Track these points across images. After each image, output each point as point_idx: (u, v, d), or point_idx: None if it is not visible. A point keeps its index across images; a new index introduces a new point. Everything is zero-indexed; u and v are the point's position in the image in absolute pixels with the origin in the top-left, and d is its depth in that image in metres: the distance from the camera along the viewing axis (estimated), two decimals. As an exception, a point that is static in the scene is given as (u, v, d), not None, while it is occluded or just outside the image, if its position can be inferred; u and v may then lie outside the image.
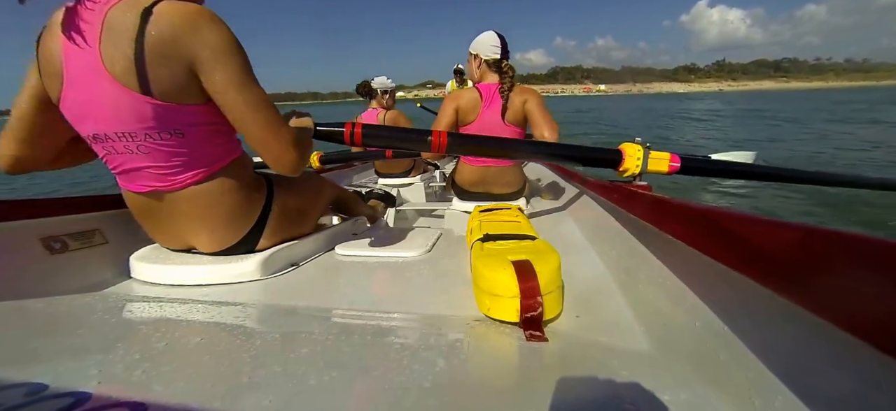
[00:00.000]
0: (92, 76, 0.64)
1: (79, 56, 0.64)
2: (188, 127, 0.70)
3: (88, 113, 0.68)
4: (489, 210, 1.10)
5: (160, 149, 0.70)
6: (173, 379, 0.40)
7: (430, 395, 0.37)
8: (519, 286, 0.55)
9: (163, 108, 0.66)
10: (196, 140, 0.72)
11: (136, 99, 0.64)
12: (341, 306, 0.70)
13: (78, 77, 0.65)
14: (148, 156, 0.70)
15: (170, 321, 0.59)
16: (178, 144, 0.71)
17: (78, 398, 0.35)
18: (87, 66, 0.64)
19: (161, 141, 0.69)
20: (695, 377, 0.42)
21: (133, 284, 0.82)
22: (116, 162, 0.72)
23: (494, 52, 1.42)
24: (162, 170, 0.72)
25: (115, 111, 0.65)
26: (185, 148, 0.72)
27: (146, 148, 0.69)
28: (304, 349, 0.46)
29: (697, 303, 0.49)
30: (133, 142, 0.69)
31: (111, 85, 0.64)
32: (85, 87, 0.66)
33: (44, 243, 0.77)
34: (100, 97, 0.65)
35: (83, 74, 0.65)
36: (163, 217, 0.80)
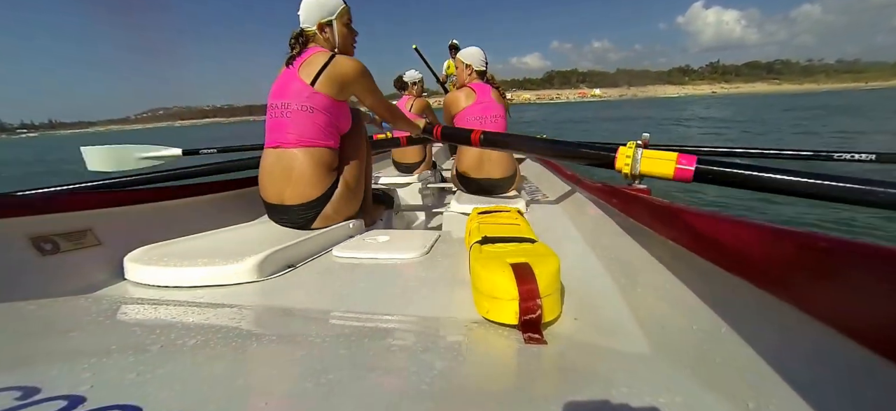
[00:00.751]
0: (292, 76, 1.18)
1: (290, 75, 1.19)
2: (319, 111, 1.15)
3: (284, 91, 1.18)
4: (488, 212, 1.10)
5: (298, 119, 1.15)
6: (168, 382, 0.39)
7: (428, 398, 0.37)
8: (518, 288, 0.55)
9: (314, 93, 1.15)
10: (320, 119, 1.16)
11: (307, 87, 1.14)
12: (338, 308, 0.69)
13: (285, 78, 1.20)
14: (291, 122, 1.15)
15: (165, 323, 0.58)
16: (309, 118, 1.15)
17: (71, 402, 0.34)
18: (291, 73, 1.19)
19: (302, 111, 1.15)
20: (692, 380, 0.42)
21: (127, 286, 0.81)
22: (274, 122, 1.18)
23: (482, 65, 1.89)
24: (292, 134, 1.15)
25: (294, 91, 1.16)
26: (312, 122, 1.15)
27: (294, 116, 1.15)
28: (300, 351, 0.45)
29: (695, 307, 0.49)
30: (289, 109, 1.16)
31: (298, 80, 1.16)
32: (286, 81, 1.19)
33: (34, 243, 0.76)
34: (292, 84, 1.17)
35: (288, 78, 1.19)
36: (276, 171, 1.16)
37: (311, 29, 1.22)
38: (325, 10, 1.21)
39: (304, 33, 1.22)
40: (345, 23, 1.25)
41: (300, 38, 1.21)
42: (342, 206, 1.22)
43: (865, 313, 0.26)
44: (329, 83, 1.14)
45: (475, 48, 1.89)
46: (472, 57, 1.87)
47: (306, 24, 1.22)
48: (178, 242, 0.98)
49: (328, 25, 1.22)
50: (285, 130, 1.14)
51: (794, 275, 0.32)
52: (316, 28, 1.21)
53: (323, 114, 1.14)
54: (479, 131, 1.48)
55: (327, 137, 1.17)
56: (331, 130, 1.18)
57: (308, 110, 1.13)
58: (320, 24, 1.21)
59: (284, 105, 1.14)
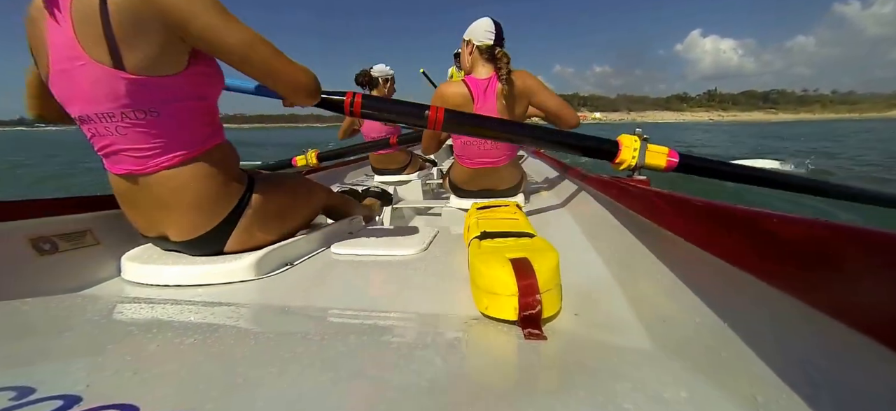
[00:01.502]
0: (71, 55, 0.64)
1: (58, 35, 0.65)
2: (163, 104, 0.70)
3: (72, 94, 0.69)
4: (487, 207, 1.10)
5: (137, 131, 0.70)
6: (165, 380, 0.39)
7: (427, 395, 0.36)
8: (517, 284, 0.54)
9: (136, 83, 0.66)
10: (172, 121, 0.72)
11: (110, 75, 0.65)
12: (337, 306, 0.69)
13: (60, 60, 0.66)
14: (126, 138, 0.71)
15: (162, 322, 0.58)
16: (153, 124, 0.70)
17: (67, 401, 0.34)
18: (65, 46, 0.64)
19: (137, 121, 0.69)
20: (695, 374, 0.41)
21: (124, 285, 0.81)
22: (101, 143, 0.73)
23: (488, 38, 1.32)
24: (139, 153, 0.72)
25: (93, 90, 0.66)
26: (160, 129, 0.71)
27: (124, 129, 0.70)
28: (298, 349, 0.45)
29: (697, 300, 0.49)
30: (112, 124, 0.69)
31: (87, 63, 0.64)
32: (66, 69, 0.66)
33: (33, 244, 0.76)
34: (79, 77, 0.66)
35: (64, 54, 0.65)
36: (140, 201, 0.79)
37: None
38: None
39: None
40: None
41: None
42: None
43: (871, 303, 0.26)
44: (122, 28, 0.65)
45: (482, 19, 1.38)
46: (473, 31, 1.36)
47: None
48: None
49: None
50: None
51: (797, 266, 0.32)
52: None
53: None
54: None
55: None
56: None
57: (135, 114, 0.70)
58: None
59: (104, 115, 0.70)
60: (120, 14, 0.62)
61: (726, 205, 0.45)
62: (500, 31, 1.35)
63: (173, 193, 0.76)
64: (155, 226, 0.82)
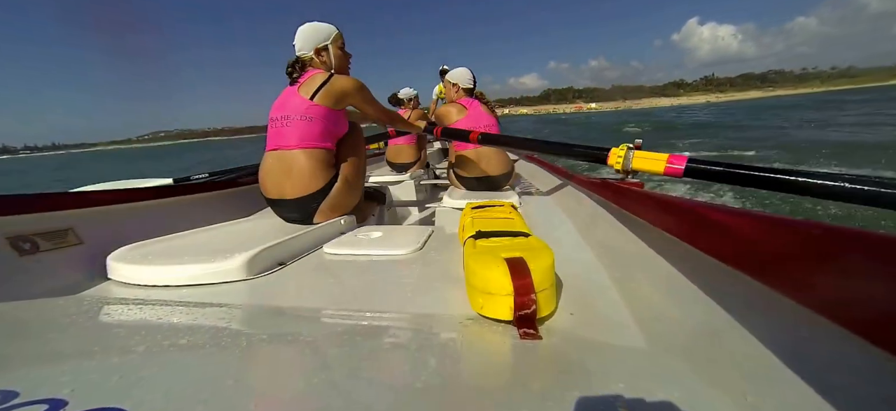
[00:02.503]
0: (293, 95, 1.25)
1: (291, 93, 1.27)
2: (317, 120, 1.23)
3: (285, 105, 1.26)
4: (481, 207, 1.10)
5: (299, 127, 1.22)
6: (154, 383, 0.38)
7: (422, 396, 0.36)
8: (512, 283, 0.54)
9: (313, 106, 1.22)
10: (317, 127, 1.23)
11: (306, 102, 1.22)
12: (330, 306, 0.68)
13: (287, 95, 1.28)
14: (293, 130, 1.22)
15: (150, 323, 0.56)
16: (306, 127, 1.23)
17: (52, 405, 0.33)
18: (293, 93, 1.26)
19: (302, 122, 1.22)
20: (689, 373, 0.42)
21: (111, 286, 0.79)
22: (275, 131, 1.26)
23: (469, 83, 2.00)
24: (294, 138, 1.22)
25: (295, 107, 1.23)
26: (310, 129, 1.22)
27: (294, 125, 1.22)
28: (291, 350, 0.44)
29: (691, 299, 0.49)
30: (291, 120, 1.23)
31: (299, 97, 1.24)
32: (287, 99, 1.27)
33: (12, 243, 0.73)
34: (292, 101, 1.25)
35: (290, 96, 1.27)
36: (276, 169, 1.23)
37: (308, 54, 1.30)
38: (320, 36, 1.31)
39: (300, 59, 1.31)
40: (339, 46, 1.35)
41: (298, 64, 1.30)
42: (340, 201, 1.28)
43: (863, 303, 0.26)
44: (327, 96, 1.23)
45: (462, 69, 2.03)
46: (458, 77, 2.00)
47: (302, 51, 1.30)
48: (164, 240, 0.96)
49: (324, 50, 1.31)
50: (286, 135, 1.22)
51: (791, 266, 0.32)
52: (313, 53, 1.30)
53: (321, 121, 1.23)
54: (478, 132, 1.63)
55: (325, 140, 1.25)
56: (328, 134, 1.26)
57: (307, 119, 1.21)
58: (317, 49, 1.30)
59: (285, 117, 1.23)
60: (325, 93, 1.23)
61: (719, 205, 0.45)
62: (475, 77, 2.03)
63: (295, 166, 1.21)
64: (278, 187, 1.24)
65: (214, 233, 1.05)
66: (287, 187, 1.21)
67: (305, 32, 1.30)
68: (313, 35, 1.30)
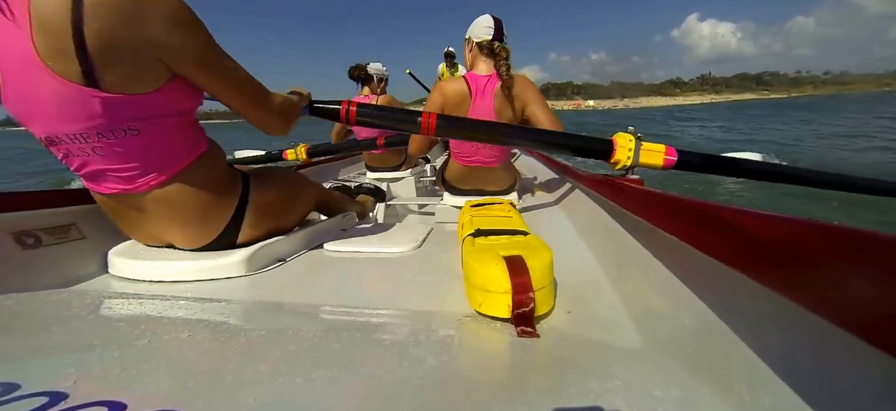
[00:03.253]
0: (28, 70, 0.57)
1: (9, 47, 0.56)
2: (142, 121, 0.65)
3: (33, 112, 0.62)
4: (480, 205, 1.10)
5: (117, 151, 0.65)
6: (154, 377, 0.38)
7: (420, 393, 0.36)
8: (511, 281, 0.54)
9: (112, 102, 0.60)
10: (154, 137, 0.67)
11: (81, 92, 0.58)
12: (329, 303, 0.69)
13: (13, 72, 0.58)
14: (106, 159, 0.66)
15: (150, 318, 0.57)
16: (133, 144, 0.66)
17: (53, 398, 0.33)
18: (20, 59, 0.57)
19: (116, 140, 0.64)
20: (686, 373, 0.42)
21: (112, 280, 0.79)
22: (76, 164, 0.68)
23: (487, 33, 1.33)
24: (124, 173, 0.69)
25: (61, 109, 0.60)
26: (143, 148, 0.67)
27: (102, 149, 0.65)
28: (290, 346, 0.45)
29: (689, 299, 0.49)
30: (87, 145, 0.64)
31: (52, 79, 0.57)
32: (23, 84, 0.59)
33: (15, 237, 0.74)
34: (41, 94, 0.58)
35: (19, 69, 0.58)
36: (135, 217, 0.78)
37: None
38: None
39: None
40: None
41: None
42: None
43: (861, 303, 0.26)
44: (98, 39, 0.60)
45: (482, 16, 1.39)
46: (473, 28, 1.38)
47: None
48: None
49: None
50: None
51: (790, 266, 0.32)
52: None
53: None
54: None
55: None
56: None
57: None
58: None
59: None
60: (99, 33, 0.56)
61: (718, 204, 0.46)
62: (499, 26, 1.35)
63: (171, 209, 0.75)
64: (157, 238, 0.82)
65: None
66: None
67: None
68: None
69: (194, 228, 0.79)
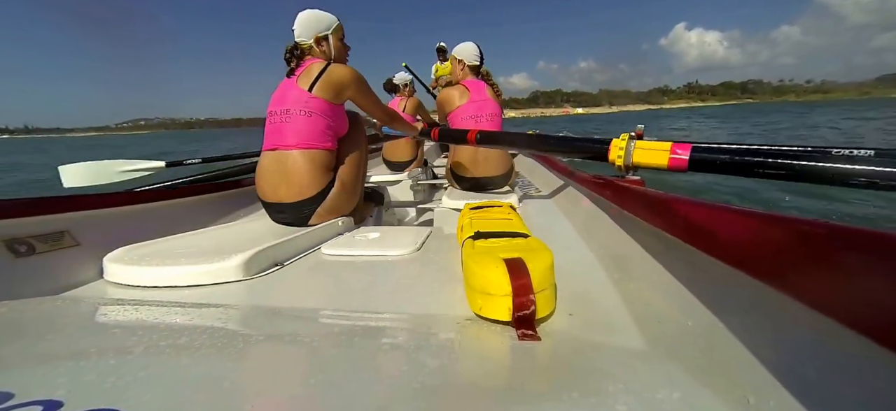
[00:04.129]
0: (290, 90, 1.24)
1: (288, 88, 1.25)
2: (320, 114, 1.21)
3: (285, 100, 1.25)
4: (480, 207, 1.10)
5: (301, 122, 1.21)
6: (150, 384, 0.38)
7: (420, 397, 0.36)
8: (511, 284, 0.54)
9: (315, 99, 1.21)
10: (321, 124, 1.22)
11: (307, 95, 1.21)
12: (328, 307, 0.68)
13: (284, 90, 1.26)
14: (294, 127, 1.21)
15: (146, 324, 0.56)
16: (309, 123, 1.21)
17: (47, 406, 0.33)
18: (292, 88, 1.24)
19: (302, 116, 1.21)
20: (689, 375, 0.42)
21: (107, 287, 0.79)
22: (274, 125, 1.24)
23: (476, 59, 1.84)
24: (290, 139, 1.21)
25: (292, 100, 1.22)
26: (313, 125, 1.21)
27: (295, 119, 1.21)
28: (288, 351, 0.44)
29: (691, 300, 0.49)
30: (288, 115, 1.22)
31: (297, 89, 1.22)
32: (284, 94, 1.25)
33: (8, 246, 0.73)
34: (289, 95, 1.24)
35: (289, 93, 1.24)
36: (273, 170, 1.21)
37: (307, 43, 1.28)
38: (322, 25, 1.28)
39: (299, 47, 1.28)
40: (339, 37, 1.33)
41: (296, 51, 1.27)
42: (338, 205, 1.26)
43: (864, 301, 0.26)
44: (326, 88, 1.20)
45: (468, 43, 1.85)
46: (463, 52, 1.83)
47: (302, 39, 1.28)
48: (161, 242, 0.95)
49: (324, 39, 1.29)
50: (284, 134, 1.20)
51: (792, 265, 0.32)
52: (312, 42, 1.28)
53: (321, 117, 1.20)
54: (476, 131, 1.53)
55: (325, 140, 1.22)
56: (328, 133, 1.23)
57: (306, 114, 1.19)
58: (317, 37, 1.28)
59: (284, 111, 1.20)
60: (322, 85, 1.21)
61: (719, 204, 0.45)
62: (482, 54, 1.87)
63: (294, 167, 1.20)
64: (276, 192, 1.22)
65: (211, 234, 1.05)
66: (283, 190, 1.19)
67: (306, 19, 1.27)
68: (314, 23, 1.27)
69: (297, 187, 1.19)
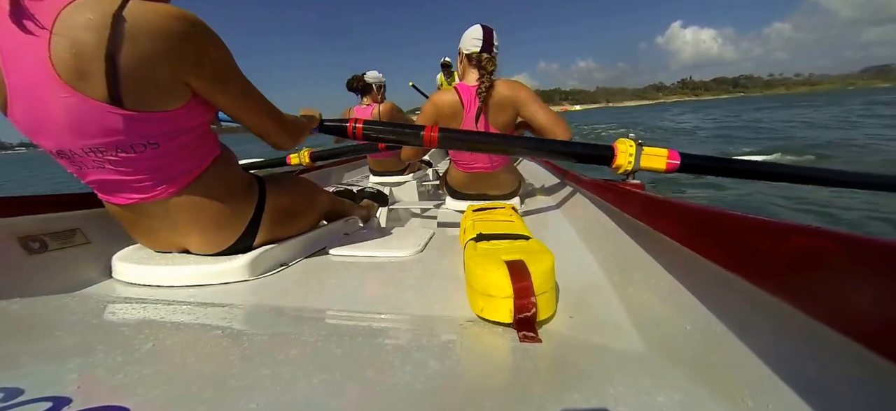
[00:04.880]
0: (42, 86, 0.57)
1: (22, 64, 0.56)
2: (162, 136, 0.65)
3: (46, 127, 0.61)
4: (483, 209, 1.10)
5: (133, 162, 0.65)
6: (157, 382, 0.38)
7: (421, 397, 0.36)
8: (512, 286, 0.54)
9: (134, 119, 0.61)
10: (172, 148, 0.68)
11: (104, 110, 0.58)
12: (332, 307, 0.69)
13: (24, 87, 0.58)
14: (121, 170, 0.66)
15: (154, 323, 0.57)
16: (152, 156, 0.66)
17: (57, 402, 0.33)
18: (34, 76, 0.56)
19: (134, 153, 0.64)
20: (688, 378, 0.42)
21: (116, 285, 0.80)
22: (90, 177, 0.68)
23: (475, 46, 1.34)
24: (140, 183, 0.69)
25: (79, 125, 0.59)
26: (160, 159, 0.67)
27: (118, 161, 0.64)
28: (293, 351, 0.45)
29: (691, 304, 0.49)
30: (102, 157, 0.63)
31: (71, 96, 0.57)
32: (35, 100, 0.58)
33: (21, 242, 0.75)
34: (54, 110, 0.58)
35: (30, 85, 0.57)
36: (150, 225, 0.78)
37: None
38: None
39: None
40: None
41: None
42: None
43: (863, 309, 0.26)
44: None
45: (472, 27, 1.39)
46: (463, 40, 1.39)
47: None
48: None
49: None
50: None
51: (791, 271, 0.32)
52: None
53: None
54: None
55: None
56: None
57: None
58: None
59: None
60: (133, 59, 0.57)
61: (721, 209, 0.46)
62: (489, 36, 1.35)
63: (188, 215, 0.75)
64: (172, 244, 0.82)
65: None
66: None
67: None
68: None
69: (212, 234, 0.79)
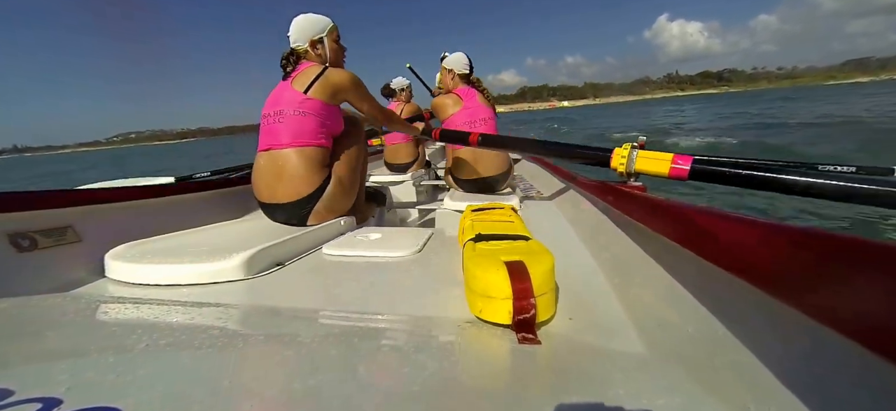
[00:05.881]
0: (284, 92, 1.22)
1: (283, 90, 1.24)
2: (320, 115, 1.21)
3: (279, 102, 1.23)
4: (482, 209, 1.10)
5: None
6: (150, 383, 0.38)
7: (419, 400, 0.36)
8: (512, 287, 0.54)
9: (314, 104, 1.20)
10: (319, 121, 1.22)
11: (303, 97, 1.19)
12: (328, 307, 0.68)
13: (279, 93, 1.25)
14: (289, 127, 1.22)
15: (147, 322, 0.56)
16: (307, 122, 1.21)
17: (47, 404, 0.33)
18: (288, 90, 1.22)
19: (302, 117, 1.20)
20: (689, 381, 0.41)
21: (108, 284, 0.79)
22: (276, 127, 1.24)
23: (465, 69, 1.93)
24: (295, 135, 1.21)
25: (289, 103, 1.19)
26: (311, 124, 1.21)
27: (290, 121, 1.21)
28: (288, 351, 0.44)
29: (692, 306, 0.49)
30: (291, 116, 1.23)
31: (293, 92, 1.21)
32: (279, 97, 1.23)
33: (11, 240, 0.73)
34: (284, 96, 1.21)
35: (283, 95, 1.22)
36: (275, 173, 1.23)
37: (303, 47, 1.28)
38: (316, 28, 1.29)
39: (295, 52, 1.27)
40: (334, 39, 1.34)
41: (292, 57, 1.26)
42: (335, 203, 1.24)
43: (864, 312, 0.26)
44: (321, 90, 1.19)
45: (458, 53, 1.93)
46: (454, 62, 1.92)
47: (297, 43, 1.28)
48: (162, 239, 0.96)
49: (319, 43, 1.29)
50: (277, 133, 1.18)
51: (793, 274, 0.32)
52: (307, 46, 1.28)
53: (315, 117, 1.19)
54: (477, 134, 1.56)
55: (318, 137, 1.20)
56: (323, 131, 1.21)
57: (301, 114, 1.17)
58: (312, 41, 1.28)
59: (278, 112, 1.19)
60: (318, 88, 1.20)
61: (722, 211, 0.45)
62: (472, 62, 1.95)
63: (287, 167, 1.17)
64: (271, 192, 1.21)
65: (213, 233, 1.05)
66: (279, 190, 1.17)
67: (301, 23, 1.27)
68: (309, 26, 1.27)
69: (295, 185, 1.17)
